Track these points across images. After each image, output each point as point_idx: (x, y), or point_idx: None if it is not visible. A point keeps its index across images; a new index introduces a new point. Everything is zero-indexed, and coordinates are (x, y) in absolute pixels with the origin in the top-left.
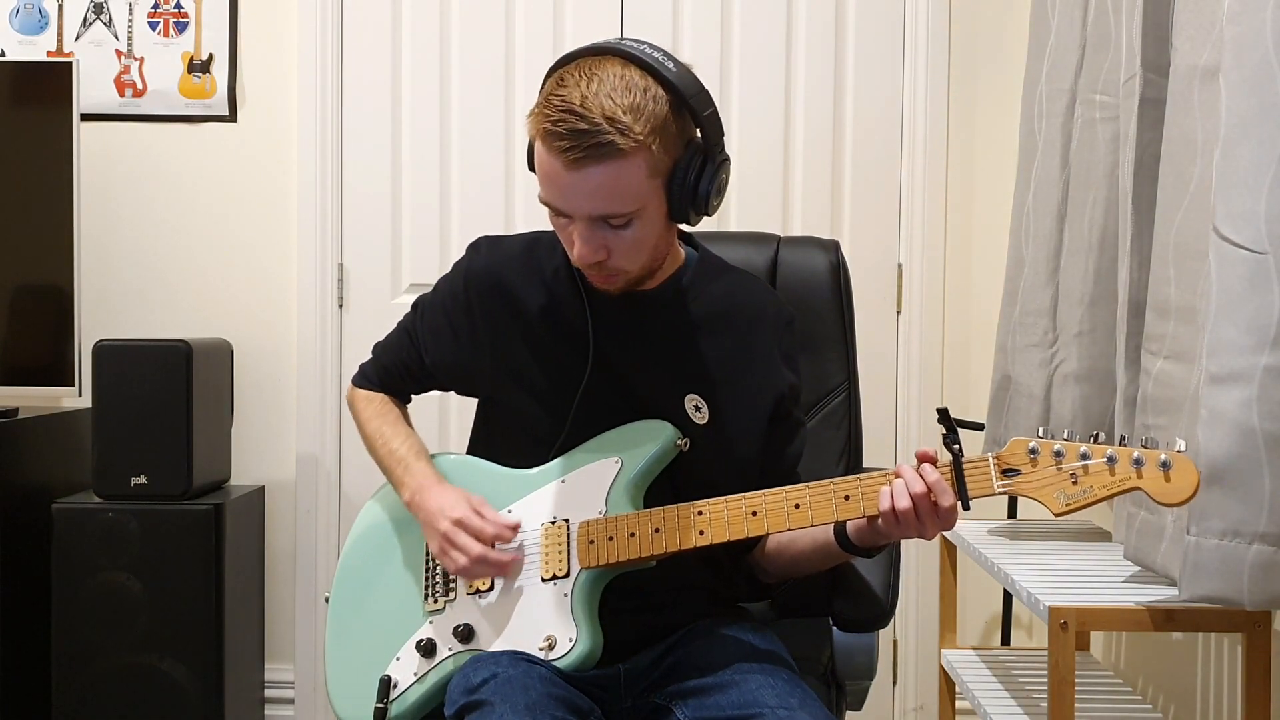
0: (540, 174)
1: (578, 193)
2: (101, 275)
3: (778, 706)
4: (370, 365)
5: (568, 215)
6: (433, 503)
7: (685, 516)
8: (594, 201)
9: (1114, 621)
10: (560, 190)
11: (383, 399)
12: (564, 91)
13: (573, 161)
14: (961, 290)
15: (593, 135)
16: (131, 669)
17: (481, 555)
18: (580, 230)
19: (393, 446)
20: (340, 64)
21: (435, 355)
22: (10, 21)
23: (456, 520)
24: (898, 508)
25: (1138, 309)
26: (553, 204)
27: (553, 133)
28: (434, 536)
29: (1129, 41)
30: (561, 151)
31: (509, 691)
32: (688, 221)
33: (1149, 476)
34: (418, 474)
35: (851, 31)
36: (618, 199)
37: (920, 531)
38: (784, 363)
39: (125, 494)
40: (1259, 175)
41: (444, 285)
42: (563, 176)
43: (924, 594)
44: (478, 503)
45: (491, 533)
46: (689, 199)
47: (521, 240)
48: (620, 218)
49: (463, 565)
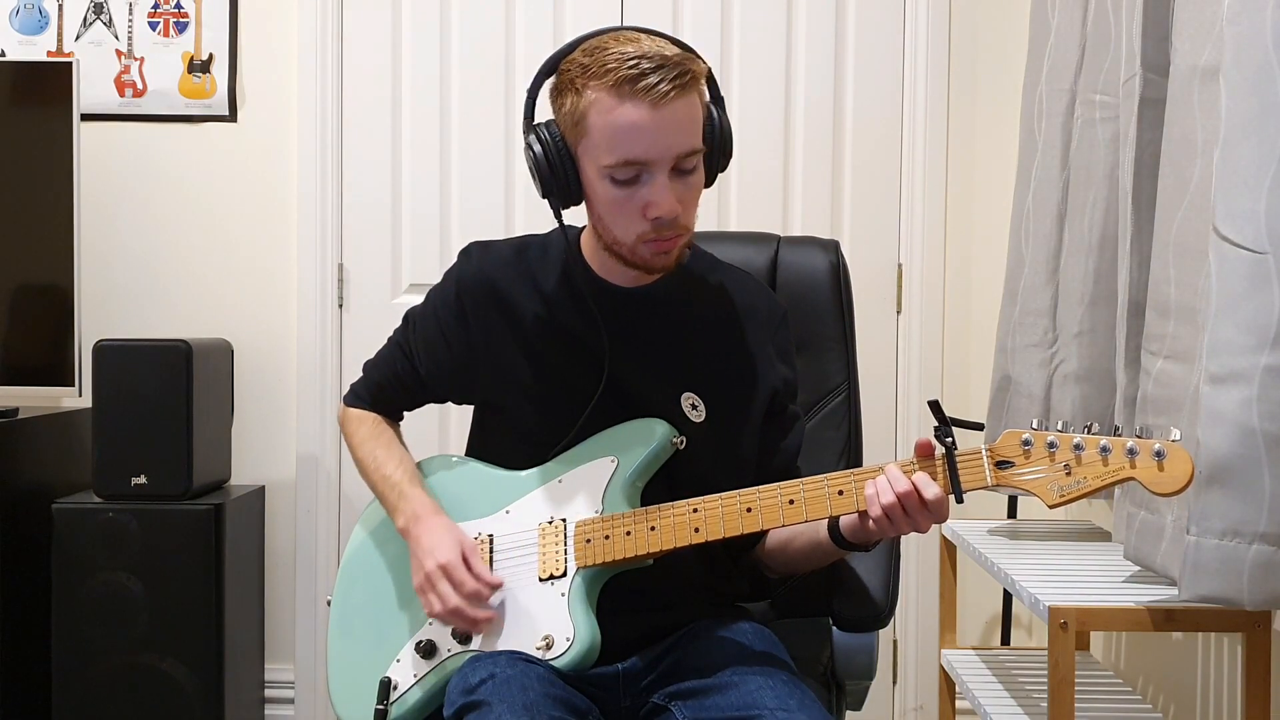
0: (614, 134)
1: (668, 130)
2: (101, 275)
3: (777, 708)
4: (361, 384)
5: (637, 177)
6: (426, 539)
7: (681, 515)
8: (683, 137)
9: (1114, 621)
10: (647, 136)
11: (375, 419)
12: (617, 49)
13: (662, 97)
14: (961, 290)
15: (675, 67)
16: (131, 669)
17: (457, 609)
18: (663, 182)
19: (386, 471)
20: (340, 64)
21: (429, 366)
22: (10, 21)
23: (442, 565)
24: (883, 504)
25: (1138, 309)
26: (637, 157)
27: (633, 77)
28: (418, 571)
29: (1129, 41)
30: (648, 91)
31: (507, 691)
32: (718, 169)
33: (1143, 466)
34: (413, 501)
35: (851, 31)
36: (698, 132)
37: (914, 526)
38: (779, 357)
39: (125, 494)
40: (1259, 175)
41: (435, 294)
42: (650, 120)
43: (924, 594)
44: (469, 549)
45: (470, 589)
46: (720, 145)
47: (512, 244)
48: (694, 157)
49: (437, 612)
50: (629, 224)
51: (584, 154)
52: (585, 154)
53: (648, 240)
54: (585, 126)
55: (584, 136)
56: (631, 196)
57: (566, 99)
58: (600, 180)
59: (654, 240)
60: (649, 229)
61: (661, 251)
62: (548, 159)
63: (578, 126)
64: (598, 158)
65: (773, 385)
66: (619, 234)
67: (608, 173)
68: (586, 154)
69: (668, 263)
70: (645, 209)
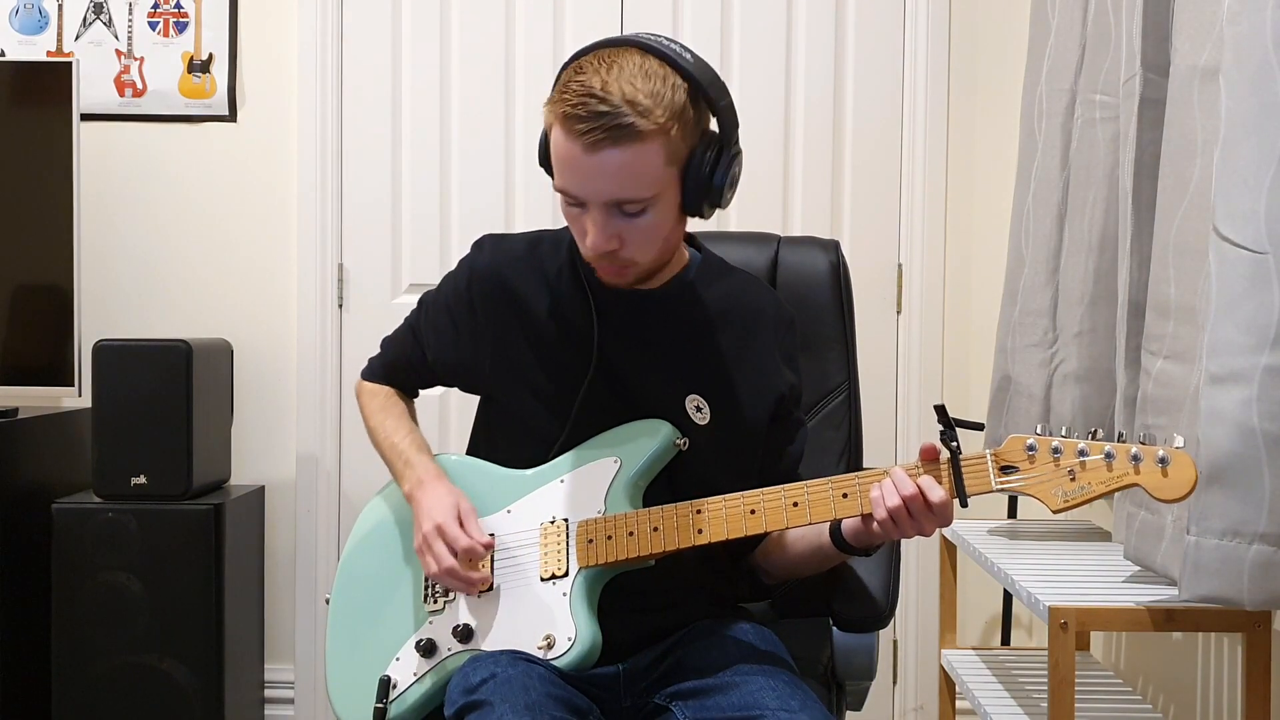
0: (556, 160)
1: (596, 176)
2: (101, 275)
3: (778, 709)
4: (377, 360)
5: (582, 203)
6: (425, 502)
7: (684, 515)
8: (611, 185)
9: (1114, 621)
10: (578, 175)
11: (388, 392)
12: (583, 77)
13: (592, 144)
14: (961, 290)
15: (613, 117)
16: (131, 669)
17: (450, 569)
18: (595, 218)
19: (394, 440)
20: (340, 64)
21: (437, 352)
22: (10, 21)
23: (437, 526)
24: (889, 507)
25: (1138, 309)
26: (569, 190)
27: (572, 115)
28: (418, 533)
29: (1129, 41)
30: (580, 135)
31: (509, 691)
32: (700, 214)
33: (1146, 472)
34: (418, 468)
35: (851, 31)
36: (635, 184)
37: (918, 529)
38: (785, 363)
39: (125, 494)
40: (1259, 175)
41: (448, 283)
42: (581, 160)
43: (924, 594)
44: (465, 511)
45: (464, 545)
46: (703, 190)
47: (525, 239)
48: (636, 204)
49: (434, 572)
50: (580, 241)
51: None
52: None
53: (599, 261)
54: (549, 141)
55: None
56: (578, 219)
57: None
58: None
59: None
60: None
61: (611, 273)
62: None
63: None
64: (554, 174)
65: (779, 390)
66: (580, 246)
67: (559, 191)
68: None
69: (620, 283)
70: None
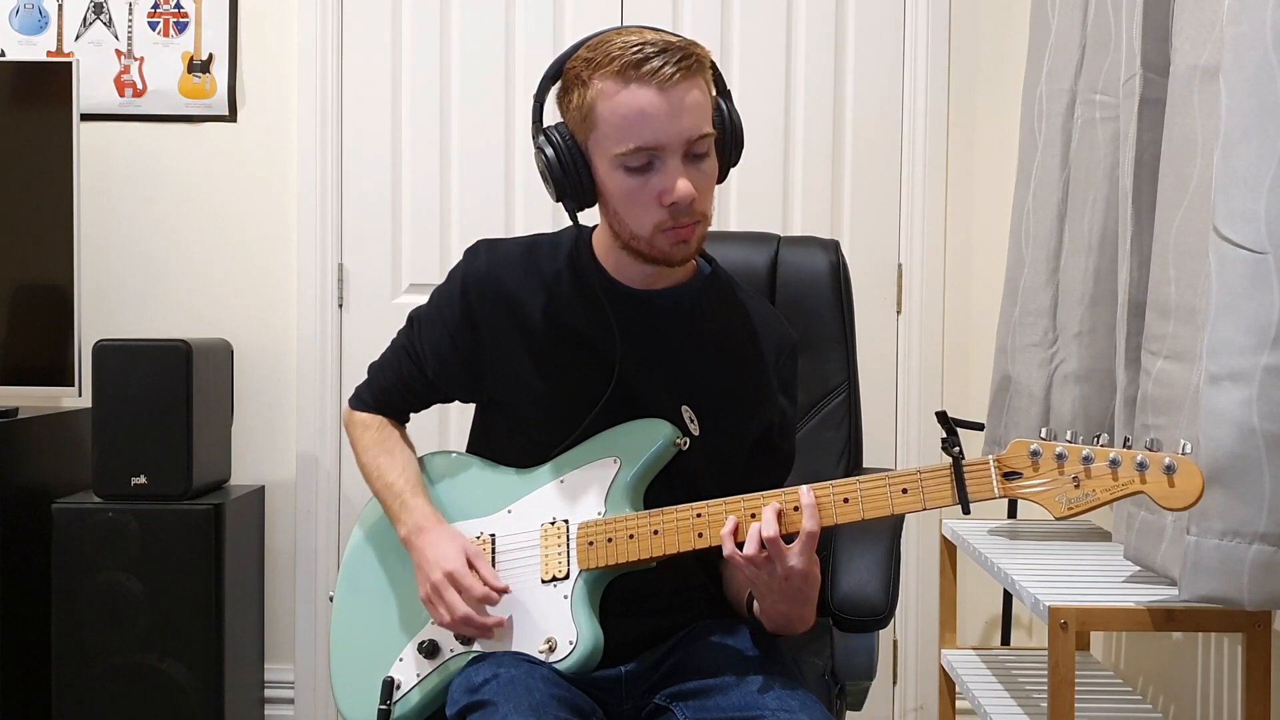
0: (623, 121)
1: (678, 113)
2: (101, 275)
3: (778, 709)
4: (365, 388)
5: (649, 164)
6: (430, 551)
7: (684, 518)
8: (694, 119)
9: (1114, 621)
10: (658, 119)
11: (380, 423)
12: (620, 38)
13: (668, 80)
14: (961, 290)
15: (679, 50)
16: (131, 669)
17: (466, 616)
18: (675, 166)
19: (389, 480)
20: (340, 64)
21: (436, 367)
22: (10, 21)
23: (448, 573)
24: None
25: (1138, 309)
26: (647, 144)
27: (637, 61)
28: (424, 583)
29: (1129, 41)
30: (654, 74)
31: (512, 692)
32: (729, 162)
33: (1153, 480)
34: (415, 512)
35: (851, 31)
36: (708, 116)
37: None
38: (780, 390)
39: (125, 494)
40: (1259, 175)
41: (439, 294)
42: (658, 103)
43: (924, 594)
44: (474, 554)
45: (479, 594)
46: (731, 136)
47: (521, 243)
48: (707, 140)
49: (446, 621)
50: (645, 214)
51: (595, 148)
52: (596, 147)
53: (665, 230)
54: (594, 118)
55: (594, 129)
56: (645, 185)
57: (574, 94)
58: (613, 172)
59: (672, 229)
60: (666, 217)
61: (680, 240)
62: (559, 160)
63: (586, 120)
64: (609, 148)
65: (768, 419)
66: (635, 227)
67: (620, 161)
68: (597, 147)
69: (687, 252)
70: (660, 196)
